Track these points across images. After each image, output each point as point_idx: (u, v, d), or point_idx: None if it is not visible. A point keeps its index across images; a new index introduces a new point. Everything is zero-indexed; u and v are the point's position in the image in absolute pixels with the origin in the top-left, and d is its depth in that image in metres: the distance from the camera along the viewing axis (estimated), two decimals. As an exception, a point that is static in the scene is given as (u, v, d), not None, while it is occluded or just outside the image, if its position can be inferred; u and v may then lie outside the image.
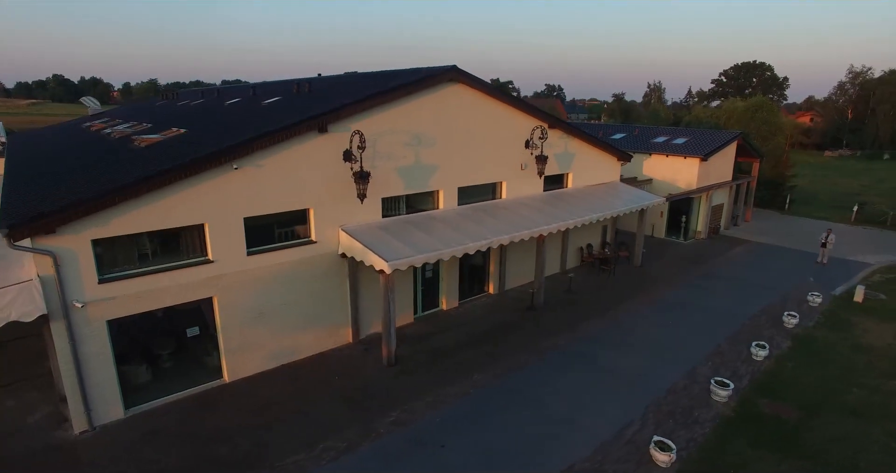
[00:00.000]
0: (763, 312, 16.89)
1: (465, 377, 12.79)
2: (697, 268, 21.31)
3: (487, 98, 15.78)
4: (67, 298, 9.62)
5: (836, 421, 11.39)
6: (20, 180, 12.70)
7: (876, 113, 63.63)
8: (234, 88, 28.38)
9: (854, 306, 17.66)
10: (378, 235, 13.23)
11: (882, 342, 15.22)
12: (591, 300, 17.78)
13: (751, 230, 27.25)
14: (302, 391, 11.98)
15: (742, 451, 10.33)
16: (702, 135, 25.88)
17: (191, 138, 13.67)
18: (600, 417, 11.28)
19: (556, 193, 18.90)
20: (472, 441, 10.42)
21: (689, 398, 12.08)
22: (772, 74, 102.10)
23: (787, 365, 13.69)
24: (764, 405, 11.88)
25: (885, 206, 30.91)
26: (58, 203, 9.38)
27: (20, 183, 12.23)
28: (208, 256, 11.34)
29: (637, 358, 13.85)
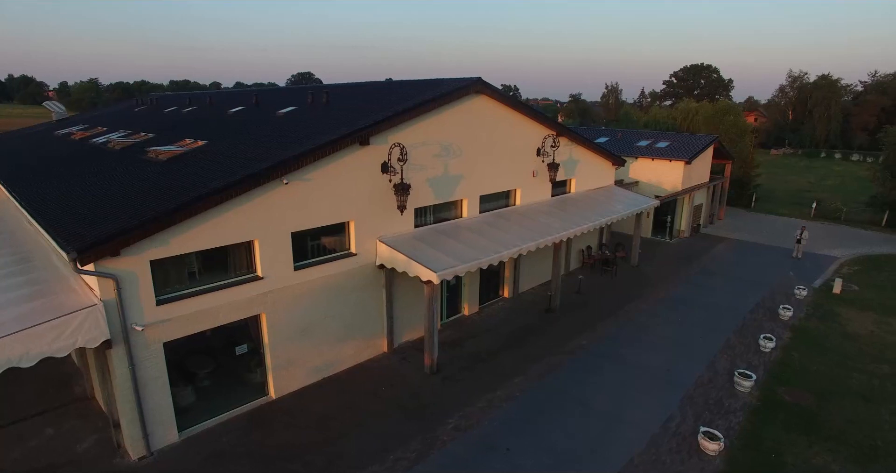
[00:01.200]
0: (759, 306, 18.21)
1: (507, 380, 13.21)
2: (689, 266, 22.60)
3: (505, 108, 16.24)
4: (128, 321, 9.36)
5: (848, 405, 12.56)
6: (48, 198, 12.07)
7: (812, 115, 68.70)
8: (226, 93, 27.55)
9: (834, 297, 19.30)
10: (415, 245, 13.44)
11: (865, 330, 16.76)
12: (601, 300, 18.58)
13: (726, 228, 29.05)
14: (352, 403, 12.05)
15: (776, 436, 11.27)
16: (682, 139, 27.36)
17: (216, 151, 13.41)
18: (643, 412, 11.98)
19: (563, 198, 19.61)
20: (534, 442, 10.85)
21: (717, 390, 12.98)
22: (717, 75, 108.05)
23: (793, 355, 14.89)
24: (783, 393, 12.94)
25: (838, 203, 33.61)
26: (118, 224, 9.12)
27: (50, 202, 11.64)
28: (258, 272, 11.24)
29: (659, 355, 14.68)
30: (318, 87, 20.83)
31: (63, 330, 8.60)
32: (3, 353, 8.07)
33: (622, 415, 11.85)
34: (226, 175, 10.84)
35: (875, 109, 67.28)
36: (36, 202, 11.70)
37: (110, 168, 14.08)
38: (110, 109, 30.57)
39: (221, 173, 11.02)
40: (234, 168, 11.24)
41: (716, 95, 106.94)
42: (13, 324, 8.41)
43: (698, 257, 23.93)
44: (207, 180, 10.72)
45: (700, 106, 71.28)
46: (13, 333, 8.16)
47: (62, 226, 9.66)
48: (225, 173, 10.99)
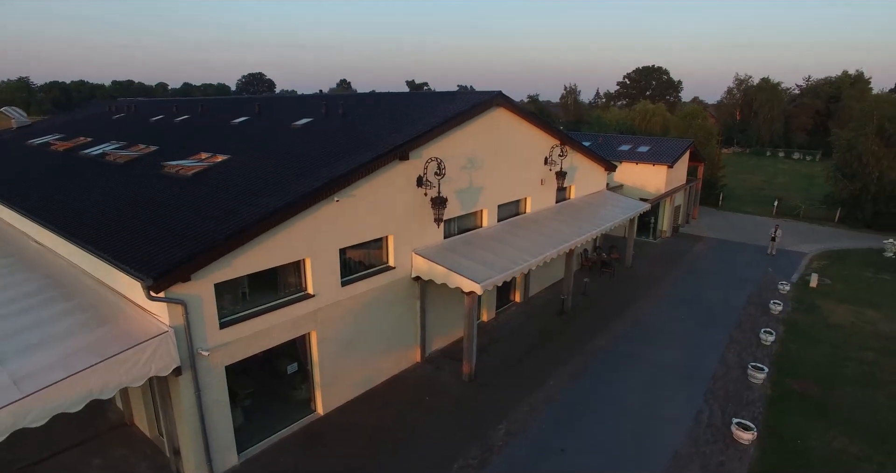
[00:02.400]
0: (750, 301, 19.58)
1: (541, 384, 13.74)
2: (678, 265, 23.92)
3: (519, 119, 16.77)
4: (195, 347, 9.24)
5: (849, 392, 13.85)
6: (86, 221, 11.57)
7: (758, 116, 73.28)
8: (218, 101, 26.72)
9: (812, 291, 20.99)
10: (449, 256, 13.75)
11: (845, 320, 18.38)
12: (606, 301, 19.45)
13: (701, 227, 30.80)
14: (401, 414, 12.26)
15: (796, 424, 12.33)
16: (661, 143, 28.80)
17: (244, 166, 13.27)
18: (674, 407, 12.80)
19: (565, 204, 20.36)
20: (583, 441, 11.43)
21: (733, 383, 14.00)
22: (668, 77, 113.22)
23: (791, 347, 16.19)
24: (791, 384, 14.11)
25: (797, 201, 36.22)
26: (186, 248, 9.00)
27: (89, 226, 11.20)
28: (309, 290, 11.27)
29: (673, 352, 15.62)
30: (327, 96, 20.66)
31: (138, 359, 8.44)
32: (84, 385, 7.88)
33: (656, 412, 12.62)
34: (273, 193, 10.83)
35: (811, 111, 72.57)
36: (73, 227, 11.21)
37: (130, 186, 13.60)
38: (80, 116, 28.99)
39: (269, 191, 10.99)
40: (280, 185, 11.23)
41: (666, 95, 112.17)
42: (88, 355, 8.20)
43: (683, 256, 25.33)
44: (258, 198, 10.66)
45: (657, 107, 74.72)
46: (93, 365, 7.96)
47: (117, 252, 9.39)
48: (272, 191, 10.97)
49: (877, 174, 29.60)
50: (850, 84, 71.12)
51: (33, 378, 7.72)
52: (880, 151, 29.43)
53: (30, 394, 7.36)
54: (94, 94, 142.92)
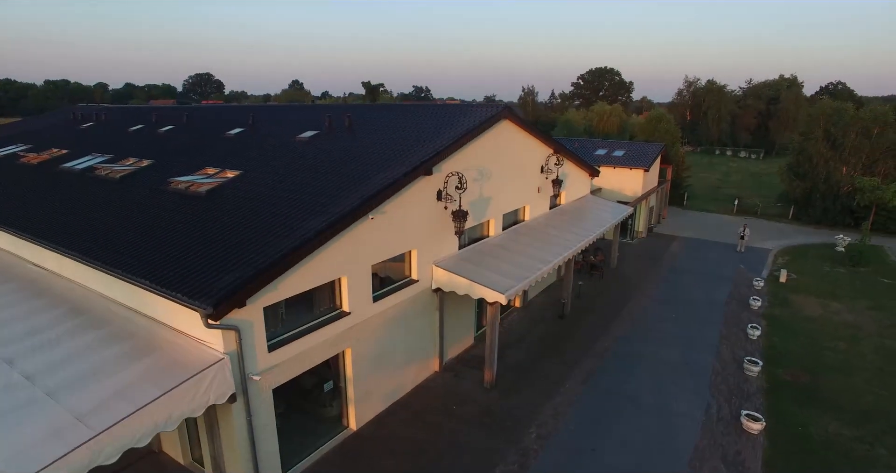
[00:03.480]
0: (731, 298, 20.95)
1: (559, 387, 14.32)
2: (658, 264, 25.19)
3: (520, 130, 17.30)
4: (247, 371, 9.21)
5: (832, 379, 15.19)
6: (117, 248, 11.14)
7: (707, 116, 77.35)
8: (194, 108, 25.85)
9: (783, 286, 22.66)
10: (467, 267, 14.09)
11: (816, 313, 20.01)
12: (600, 303, 20.32)
13: (672, 226, 32.44)
14: (433, 425, 12.52)
15: (795, 412, 13.47)
16: (635, 147, 30.14)
17: (261, 182, 13.15)
18: (684, 402, 13.66)
19: (557, 210, 21.08)
20: (610, 440, 12.07)
21: (732, 377, 15.06)
22: (620, 78, 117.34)
23: (775, 340, 17.52)
24: (782, 374, 15.33)
25: (756, 199, 38.70)
26: (238, 273, 8.93)
27: (122, 251, 10.81)
28: (345, 308, 11.35)
29: (672, 349, 16.59)
30: (321, 107, 20.42)
31: (199, 389, 8.35)
32: (151, 419, 7.74)
33: (670, 407, 13.44)
34: (310, 212, 10.84)
35: (754, 112, 77.37)
36: (103, 254, 10.79)
37: (140, 204, 13.16)
38: (41, 125, 27.32)
39: (306, 210, 10.97)
40: (313, 203, 11.24)
41: (619, 96, 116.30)
42: (146, 387, 8.05)
43: (661, 256, 26.68)
44: (296, 219, 10.65)
45: (613, 108, 77.45)
46: (158, 397, 7.83)
47: (166, 280, 9.20)
48: (308, 210, 10.97)
49: (824, 174, 32.13)
50: (786, 87, 76.24)
51: (98, 414, 7.54)
52: (827, 154, 31.98)
53: (103, 431, 7.20)
54: (24, 93, 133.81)
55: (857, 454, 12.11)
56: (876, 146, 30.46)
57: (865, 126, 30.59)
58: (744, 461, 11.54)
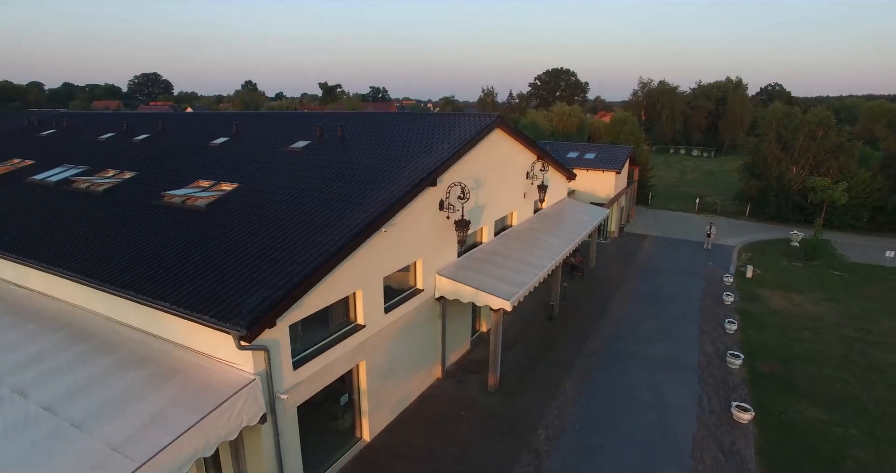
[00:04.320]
0: (705, 294, 22.14)
1: (559, 387, 14.84)
2: (633, 263, 26.26)
3: (509, 138, 17.73)
4: (274, 391, 9.18)
5: (804, 368, 16.40)
6: (119, 266, 10.75)
7: (661, 116, 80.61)
8: (175, 117, 24.86)
9: (750, 281, 24.11)
10: (469, 275, 14.38)
11: (782, 306, 21.44)
12: (585, 303, 21.04)
13: (640, 226, 33.79)
14: (445, 431, 12.76)
15: (776, 400, 14.48)
16: (605, 150, 31.22)
17: (259, 195, 12.98)
18: (678, 396, 14.44)
19: (540, 214, 21.66)
20: (615, 437, 12.65)
21: (717, 370, 16.01)
22: (576, 79, 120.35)
23: (749, 334, 18.69)
24: (760, 366, 16.41)
25: (716, 198, 40.78)
26: (262, 292, 8.90)
27: (128, 271, 10.46)
28: (359, 321, 11.43)
29: (659, 346, 17.44)
30: (305, 115, 20.07)
31: (232, 411, 8.29)
32: (190, 446, 7.65)
33: (665, 402, 14.18)
34: (317, 226, 10.85)
35: (705, 112, 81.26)
36: (111, 275, 10.41)
37: (135, 220, 12.72)
38: None
39: (314, 225, 10.96)
40: (321, 217, 11.23)
41: (575, 96, 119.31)
42: (180, 412, 7.93)
43: (635, 255, 27.81)
44: (310, 233, 10.64)
45: (573, 109, 79.45)
46: (196, 423, 7.73)
47: (190, 302, 9.03)
48: (316, 224, 10.96)
49: (777, 174, 34.29)
50: (733, 88, 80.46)
51: (136, 444, 7.39)
52: (779, 155, 34.15)
53: (147, 462, 7.07)
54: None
55: (835, 436, 13.18)
56: (821, 147, 32.79)
57: (812, 129, 32.89)
58: (739, 450, 12.37)
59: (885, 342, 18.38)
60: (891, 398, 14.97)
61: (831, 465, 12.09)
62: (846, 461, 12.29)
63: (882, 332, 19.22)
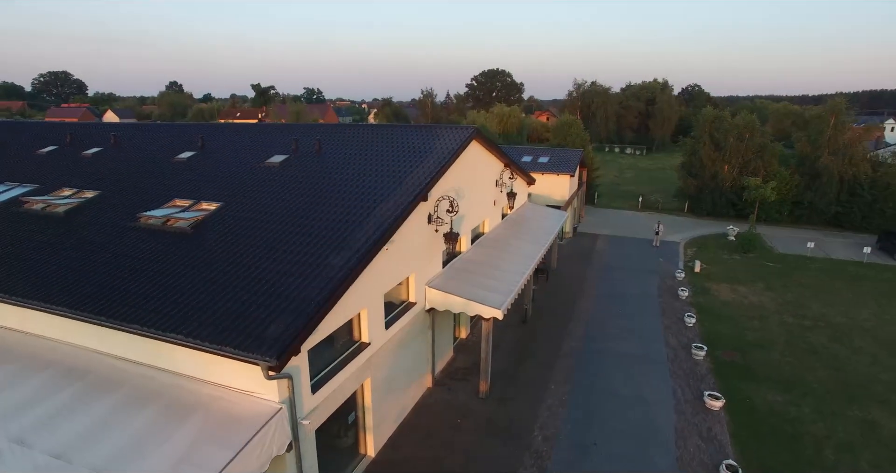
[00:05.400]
0: (661, 290, 23.70)
1: (544, 388, 15.52)
2: (591, 263, 27.59)
3: (483, 149, 18.22)
4: (298, 417, 9.13)
5: (759, 355, 18.04)
6: (114, 298, 10.14)
7: (595, 116, 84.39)
8: (125, 128, 23.26)
9: (699, 275, 26.03)
10: (456, 285, 14.73)
11: (730, 297, 23.36)
12: (553, 305, 21.95)
13: (591, 225, 35.44)
14: (446, 440, 13.05)
15: (740, 387, 15.88)
16: (557, 154, 32.49)
17: (247, 215, 12.68)
18: (654, 390, 15.52)
19: (507, 220, 22.34)
20: (606, 432, 13.46)
21: (685, 362, 17.30)
22: (511, 79, 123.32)
23: (706, 325, 20.28)
24: (721, 355, 17.89)
25: (657, 196, 43.37)
26: (284, 320, 8.82)
27: (125, 303, 9.92)
28: (364, 339, 11.49)
29: (629, 342, 18.58)
30: (273, 127, 19.36)
31: (263, 443, 8.21)
32: (227, 483, 7.51)
33: (644, 396, 15.21)
34: (321, 247, 10.82)
35: (635, 112, 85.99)
36: (108, 308, 9.83)
37: (121, 246, 12.00)
38: None
39: (318, 246, 10.91)
40: (323, 237, 11.19)
41: (511, 96, 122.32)
42: (211, 449, 7.77)
43: (591, 254, 29.22)
44: (315, 255, 10.58)
45: (512, 110, 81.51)
46: (233, 458, 7.61)
47: (206, 335, 8.78)
48: (320, 245, 10.92)
49: (712, 172, 37.10)
50: (660, 89, 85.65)
51: (173, 486, 7.19)
52: (713, 155, 36.97)
53: (191, 504, 6.91)
54: None
55: (791, 415, 14.68)
56: (748, 148, 35.84)
57: (740, 132, 35.87)
58: (716, 435, 13.53)
59: (817, 327, 20.53)
60: (828, 376, 16.81)
61: (793, 442, 13.48)
62: (803, 437, 13.74)
63: (814, 317, 21.44)
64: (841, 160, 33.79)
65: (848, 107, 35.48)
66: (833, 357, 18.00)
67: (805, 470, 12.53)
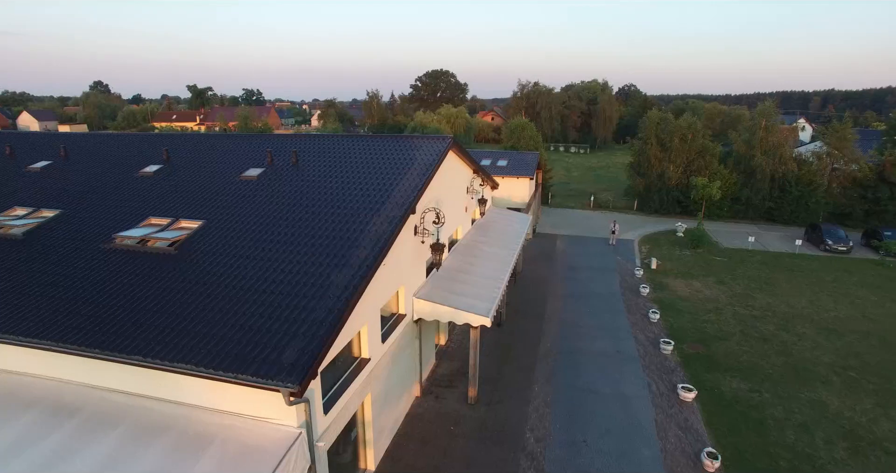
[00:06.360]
0: (623, 288, 24.89)
1: (528, 391, 16.03)
2: (553, 263, 28.52)
3: (455, 156, 18.50)
4: (314, 440, 9.08)
5: (718, 346, 19.40)
6: (121, 331, 9.58)
7: (540, 116, 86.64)
8: (77, 138, 21.63)
9: (656, 272, 27.51)
10: (442, 294, 14.96)
11: (686, 292, 24.89)
12: (523, 306, 22.56)
13: (548, 225, 36.55)
14: (444, 449, 13.26)
15: (708, 377, 17.06)
16: (515, 157, 33.31)
17: (233, 233, 12.37)
18: (631, 385, 16.40)
19: (476, 226, 22.74)
20: (593, 430, 14.12)
21: (655, 357, 18.35)
22: (455, 80, 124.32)
23: (669, 320, 21.54)
24: (686, 348, 19.10)
25: (608, 195, 45.23)
26: (298, 343, 8.75)
27: (132, 335, 9.41)
28: (365, 355, 11.50)
29: (601, 341, 19.46)
30: (238, 137, 18.55)
31: (287, 469, 8.11)
32: (257, 514, 7.40)
33: (622, 392, 16.04)
34: (322, 266, 10.77)
35: (578, 112, 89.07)
36: (116, 343, 9.31)
37: (100, 270, 11.35)
38: None
39: (318, 265, 10.84)
40: (322, 255, 11.12)
41: (455, 97, 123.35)
42: (236, 481, 7.62)
43: (552, 254, 30.19)
44: (316, 275, 10.50)
45: (459, 111, 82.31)
46: (261, 489, 7.49)
47: (207, 360, 8.54)
48: (321, 264, 10.86)
49: (659, 172, 39.22)
50: (601, 90, 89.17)
51: (204, 523, 7.01)
52: (660, 155, 39.08)
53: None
54: None
55: (754, 401, 15.94)
56: (691, 148, 38.17)
57: (683, 133, 38.14)
58: (692, 425, 14.51)
59: (765, 316, 22.30)
60: (781, 362, 18.35)
61: (759, 426, 14.68)
62: (767, 420, 14.98)
63: (761, 307, 23.26)
64: (772, 160, 36.69)
65: (777, 111, 38.53)
66: (782, 344, 19.65)
67: (771, 450, 13.68)
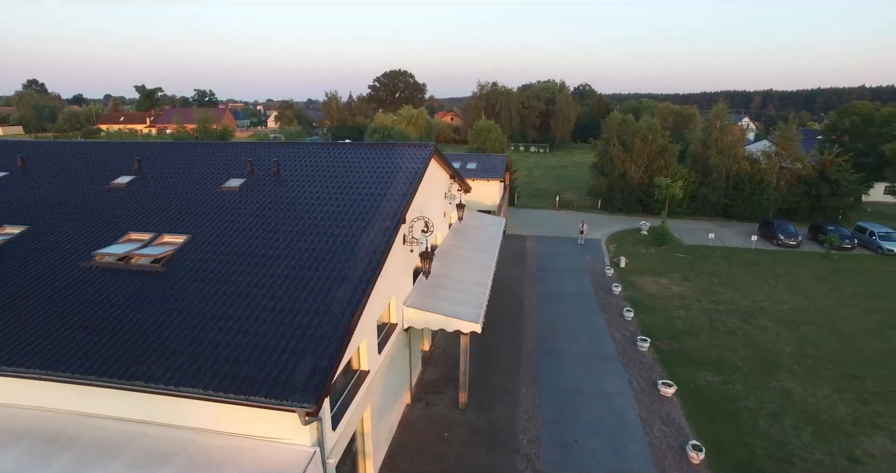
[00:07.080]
0: (596, 287, 25.64)
1: (516, 393, 16.36)
2: (525, 263, 29.05)
3: (437, 164, 18.61)
4: (325, 457, 9.02)
5: (690, 341, 20.32)
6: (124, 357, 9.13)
7: (500, 116, 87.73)
8: (34, 146, 20.19)
9: (625, 270, 28.44)
10: (430, 302, 15.05)
11: (654, 289, 25.88)
12: (500, 308, 22.87)
13: (518, 226, 37.10)
14: (438, 455, 13.39)
15: (684, 372, 17.86)
16: (484, 159, 33.70)
17: (223, 248, 12.08)
18: (613, 383, 16.99)
19: (453, 230, 22.90)
20: (581, 429, 14.58)
21: (633, 354, 19.04)
22: (414, 80, 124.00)
23: (643, 318, 22.36)
24: (661, 344, 19.92)
25: (572, 195, 46.30)
26: (309, 362, 8.68)
27: (135, 362, 9.00)
28: (364, 367, 11.47)
29: (580, 340, 20.02)
30: (213, 146, 17.91)
31: (302, 490, 8.03)
32: (279, 538, 7.32)
33: (605, 390, 16.60)
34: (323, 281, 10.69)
35: (537, 112, 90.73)
36: (115, 369, 8.90)
37: (82, 290, 10.81)
38: None
39: (319, 280, 10.73)
40: (321, 269, 11.02)
41: (414, 97, 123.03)
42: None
43: (524, 255, 30.73)
44: (318, 290, 10.40)
45: (419, 112, 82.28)
46: (282, 512, 7.41)
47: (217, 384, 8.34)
48: (322, 279, 10.76)
49: (621, 172, 40.52)
50: (559, 90, 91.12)
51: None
52: (622, 155, 40.38)
53: None
54: None
55: (728, 393, 16.83)
56: (651, 149, 39.65)
57: (644, 134, 39.57)
58: (674, 419, 15.19)
59: (729, 310, 23.50)
60: (748, 354, 19.42)
61: (734, 417, 15.52)
62: (741, 411, 15.86)
63: (725, 302, 24.48)
64: (727, 159, 38.60)
65: (729, 111, 40.52)
66: (748, 337, 20.79)
67: (748, 440, 14.50)
